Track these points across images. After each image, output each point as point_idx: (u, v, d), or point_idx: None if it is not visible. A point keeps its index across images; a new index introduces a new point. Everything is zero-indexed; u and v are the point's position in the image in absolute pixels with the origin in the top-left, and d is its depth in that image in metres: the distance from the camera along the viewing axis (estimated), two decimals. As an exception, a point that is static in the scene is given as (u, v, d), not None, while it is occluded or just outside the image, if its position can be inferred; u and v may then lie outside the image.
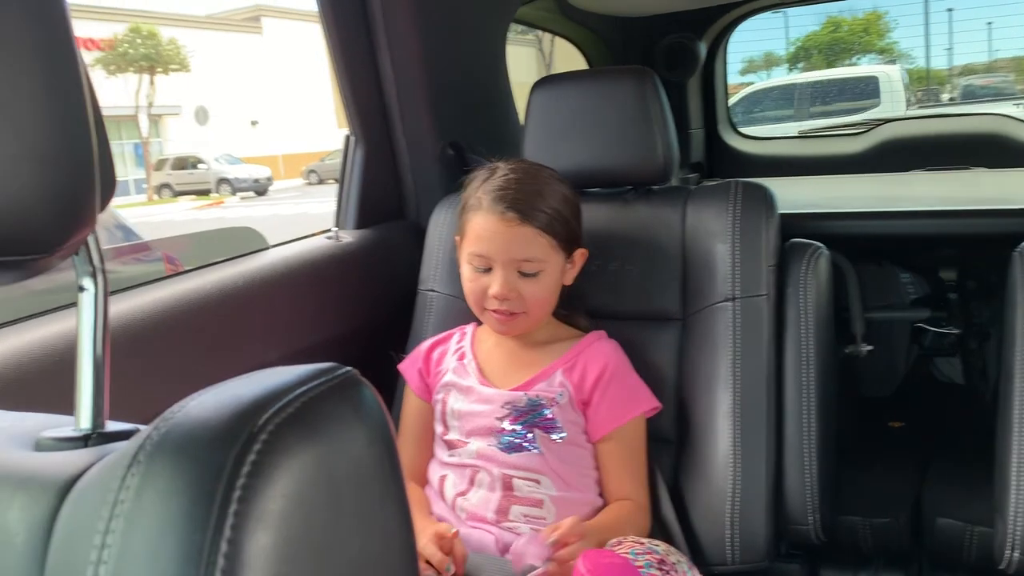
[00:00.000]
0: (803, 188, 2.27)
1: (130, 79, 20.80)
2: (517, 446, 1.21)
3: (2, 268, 0.42)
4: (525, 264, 1.21)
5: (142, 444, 0.38)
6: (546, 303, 1.26)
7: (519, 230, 1.20)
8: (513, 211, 1.20)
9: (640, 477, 1.26)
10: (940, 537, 1.51)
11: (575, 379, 1.24)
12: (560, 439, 1.21)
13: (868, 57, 18.36)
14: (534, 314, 1.24)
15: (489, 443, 1.22)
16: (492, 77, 1.93)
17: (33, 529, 0.40)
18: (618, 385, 1.25)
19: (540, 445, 1.21)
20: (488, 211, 1.21)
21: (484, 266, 1.22)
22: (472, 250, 1.23)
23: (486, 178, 1.25)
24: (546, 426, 1.22)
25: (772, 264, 1.34)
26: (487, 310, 1.24)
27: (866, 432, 1.92)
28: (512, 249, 1.20)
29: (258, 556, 0.35)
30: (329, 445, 0.39)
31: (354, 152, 1.70)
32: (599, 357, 1.26)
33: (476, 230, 1.22)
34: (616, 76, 1.49)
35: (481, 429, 1.24)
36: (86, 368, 0.50)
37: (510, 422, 1.22)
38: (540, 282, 1.22)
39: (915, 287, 1.96)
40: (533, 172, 1.26)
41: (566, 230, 1.24)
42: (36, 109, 0.42)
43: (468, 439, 1.24)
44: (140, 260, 2.47)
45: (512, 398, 1.23)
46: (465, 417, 1.25)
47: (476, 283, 1.24)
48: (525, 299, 1.22)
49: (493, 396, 1.24)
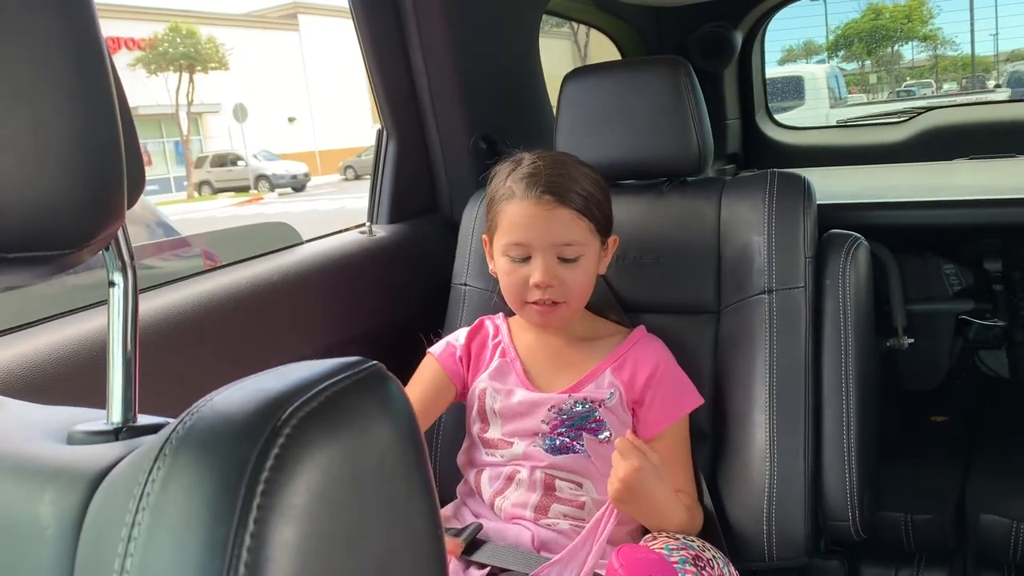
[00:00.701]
0: (842, 178, 2.23)
1: (170, 78, 21.13)
2: (564, 448, 1.20)
3: (32, 263, 0.43)
4: (565, 249, 1.18)
5: (168, 438, 0.38)
6: (585, 291, 1.23)
7: (557, 212, 1.17)
8: (549, 194, 1.17)
9: (689, 474, 1.25)
10: (985, 534, 1.48)
11: (625, 378, 1.23)
12: (604, 438, 1.20)
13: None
14: (574, 303, 1.22)
15: (534, 444, 1.21)
16: (525, 69, 1.93)
17: (64, 521, 0.40)
18: (669, 384, 1.23)
19: (587, 446, 1.20)
20: (522, 197, 1.19)
21: (522, 255, 1.20)
22: (508, 240, 1.20)
23: (513, 168, 1.24)
24: (593, 428, 1.20)
25: (810, 256, 1.31)
26: (527, 303, 1.21)
27: (908, 427, 1.88)
28: (551, 232, 1.17)
29: (282, 550, 0.35)
30: (354, 439, 0.39)
31: (386, 146, 1.70)
32: (650, 356, 1.24)
33: (511, 218, 1.20)
34: (650, 66, 1.48)
35: (525, 431, 1.22)
36: (117, 362, 0.51)
37: (557, 426, 1.20)
38: (580, 268, 1.20)
39: (959, 278, 1.92)
40: (560, 159, 1.24)
41: (601, 213, 1.22)
42: (64, 104, 0.42)
43: (512, 439, 1.23)
44: (179, 256, 2.50)
45: (559, 401, 1.21)
46: (508, 418, 1.23)
47: (515, 275, 1.20)
48: (567, 286, 1.19)
49: (540, 400, 1.22)
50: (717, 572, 1.09)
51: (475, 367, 1.30)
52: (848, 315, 1.31)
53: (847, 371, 1.30)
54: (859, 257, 1.35)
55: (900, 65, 18.85)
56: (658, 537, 1.12)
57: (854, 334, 1.31)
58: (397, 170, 1.69)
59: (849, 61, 19.20)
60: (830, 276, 1.33)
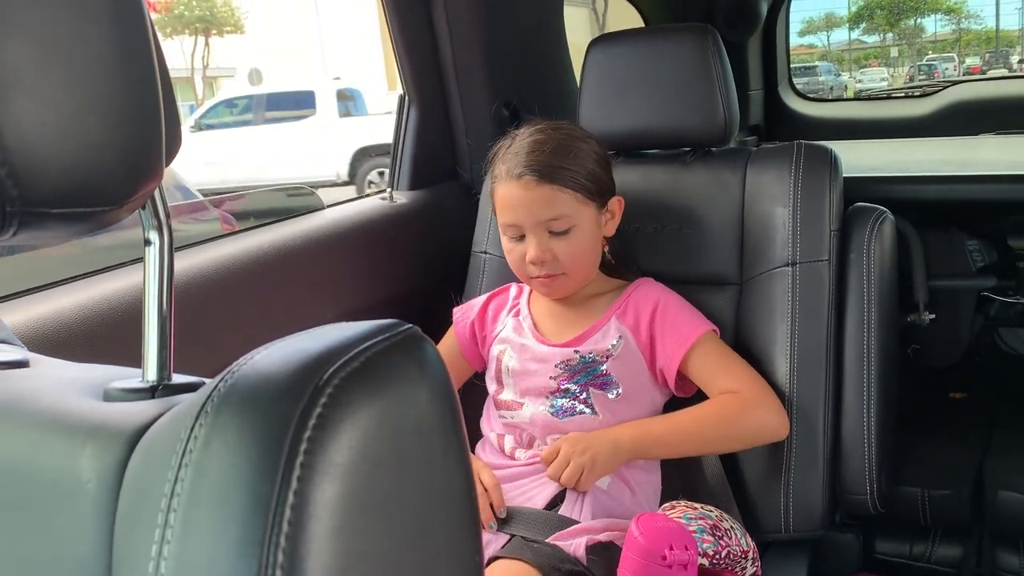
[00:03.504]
0: (866, 151, 2.20)
1: (186, 41, 21.05)
2: (570, 409, 1.21)
3: (71, 219, 0.43)
4: (553, 223, 1.20)
5: (210, 395, 0.38)
6: (584, 259, 1.25)
7: (538, 191, 1.19)
8: (529, 173, 1.19)
9: (738, 372, 1.22)
10: (1002, 510, 1.48)
11: (630, 322, 1.24)
12: (616, 396, 1.21)
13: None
14: (575, 274, 1.24)
15: (541, 407, 1.23)
16: (549, 36, 1.91)
17: (103, 476, 0.41)
18: (673, 316, 1.24)
19: (596, 404, 1.21)
20: (507, 179, 1.21)
21: (517, 234, 1.23)
22: (503, 221, 1.24)
23: (507, 147, 1.26)
24: (601, 383, 1.22)
25: (835, 229, 1.30)
26: (530, 277, 1.25)
27: (927, 402, 1.88)
28: (536, 211, 1.20)
29: (324, 507, 0.35)
30: (393, 400, 0.39)
31: (408, 112, 1.69)
32: (649, 296, 1.26)
33: (502, 201, 1.23)
34: (677, 34, 1.46)
35: (535, 389, 1.24)
36: (152, 320, 0.51)
37: (564, 381, 1.23)
38: (572, 239, 1.21)
39: (982, 255, 1.90)
40: (551, 132, 1.24)
41: (591, 180, 1.22)
42: (103, 61, 0.42)
43: (523, 399, 1.25)
44: (197, 219, 2.51)
45: (565, 356, 1.23)
46: (519, 376, 1.26)
47: (514, 252, 1.24)
48: (560, 259, 1.21)
49: (548, 355, 1.24)
50: (735, 542, 1.10)
51: (491, 328, 1.34)
52: (872, 289, 1.30)
53: (869, 345, 1.29)
54: (884, 231, 1.34)
55: (923, 39, 18.57)
56: (676, 506, 1.13)
57: (877, 308, 1.30)
58: (418, 136, 1.69)
59: (870, 33, 18.93)
60: (855, 250, 1.32)
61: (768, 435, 1.22)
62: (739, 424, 1.20)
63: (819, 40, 18.22)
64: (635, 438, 1.16)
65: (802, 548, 1.28)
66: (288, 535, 0.34)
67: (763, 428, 1.21)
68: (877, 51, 18.63)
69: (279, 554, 0.34)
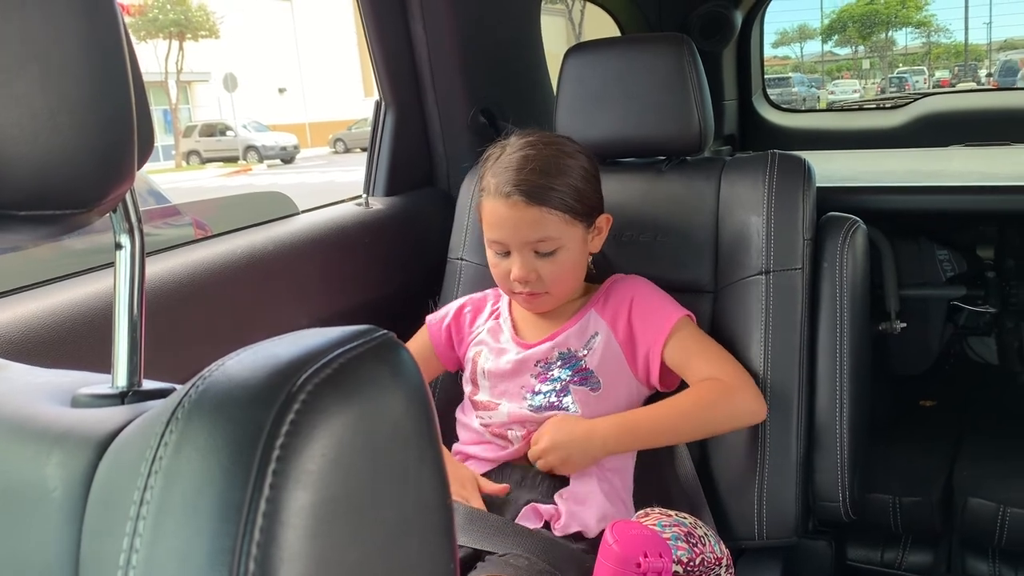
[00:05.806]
0: (839, 162, 2.23)
1: (160, 45, 20.87)
2: (549, 406, 1.21)
3: (41, 222, 0.42)
4: (540, 244, 1.19)
5: (180, 401, 0.37)
6: (568, 278, 1.24)
7: (526, 213, 1.17)
8: (518, 194, 1.17)
9: (718, 358, 1.23)
10: (971, 517, 1.50)
11: (609, 316, 1.25)
12: (595, 390, 1.22)
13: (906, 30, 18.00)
14: (558, 292, 1.24)
15: (519, 405, 1.23)
16: (526, 43, 1.91)
17: (71, 483, 0.40)
18: (648, 305, 1.25)
19: (576, 399, 1.21)
20: (495, 196, 1.19)
21: (502, 251, 1.22)
22: (489, 236, 1.23)
23: (497, 157, 1.23)
24: (581, 378, 1.22)
25: (808, 238, 1.32)
26: (514, 292, 1.24)
27: (898, 410, 1.90)
28: (523, 232, 1.18)
29: (297, 515, 0.35)
30: (367, 406, 0.39)
31: (384, 118, 1.69)
32: (626, 287, 1.28)
33: (488, 216, 1.21)
34: (653, 43, 1.47)
35: (512, 389, 1.25)
36: (123, 325, 0.50)
37: (543, 379, 1.23)
38: (559, 260, 1.20)
39: (952, 264, 1.93)
40: (541, 147, 1.21)
41: (581, 202, 1.20)
42: (75, 63, 0.41)
43: (499, 400, 1.25)
44: (169, 224, 2.48)
45: (542, 355, 1.24)
46: (495, 377, 1.26)
47: (499, 268, 1.23)
48: (544, 279, 1.20)
49: (526, 356, 1.25)
50: (708, 549, 1.10)
51: (468, 332, 1.33)
52: (844, 298, 1.32)
53: (842, 353, 1.31)
54: (857, 240, 1.35)
55: (893, 51, 18.84)
56: (651, 513, 1.13)
57: (850, 317, 1.32)
58: (395, 142, 1.68)
59: (842, 45, 19.17)
60: (827, 259, 1.33)
61: (747, 419, 1.23)
62: (719, 408, 1.21)
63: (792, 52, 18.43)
64: (617, 425, 1.18)
65: (775, 555, 1.28)
66: (260, 543, 0.34)
67: (742, 412, 1.22)
68: (849, 63, 18.87)
69: (250, 563, 0.34)
